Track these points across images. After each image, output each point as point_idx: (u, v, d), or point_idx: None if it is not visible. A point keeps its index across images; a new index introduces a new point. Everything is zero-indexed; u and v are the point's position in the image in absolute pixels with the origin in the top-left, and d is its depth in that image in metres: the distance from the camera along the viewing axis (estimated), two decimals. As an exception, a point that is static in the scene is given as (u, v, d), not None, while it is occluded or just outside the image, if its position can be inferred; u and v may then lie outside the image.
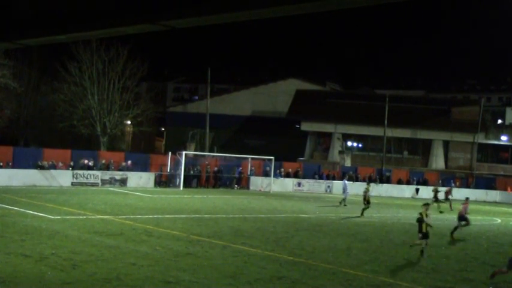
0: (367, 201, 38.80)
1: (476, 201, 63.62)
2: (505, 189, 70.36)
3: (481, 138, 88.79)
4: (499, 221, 42.84)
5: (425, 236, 23.30)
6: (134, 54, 66.74)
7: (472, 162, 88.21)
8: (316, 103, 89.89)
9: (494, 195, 68.82)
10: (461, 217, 30.58)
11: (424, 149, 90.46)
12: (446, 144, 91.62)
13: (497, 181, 73.58)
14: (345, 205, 44.64)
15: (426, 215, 23.54)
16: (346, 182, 47.93)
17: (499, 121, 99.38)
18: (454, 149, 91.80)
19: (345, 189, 46.18)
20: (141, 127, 74.91)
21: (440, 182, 69.82)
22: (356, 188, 61.36)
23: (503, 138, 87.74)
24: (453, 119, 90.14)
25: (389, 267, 20.35)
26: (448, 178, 72.25)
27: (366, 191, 39.56)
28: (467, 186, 70.32)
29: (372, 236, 28.48)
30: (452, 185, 63.47)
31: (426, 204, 24.40)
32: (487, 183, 72.42)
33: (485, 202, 64.43)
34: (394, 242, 27.08)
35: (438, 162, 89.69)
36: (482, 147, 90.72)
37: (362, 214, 37.82)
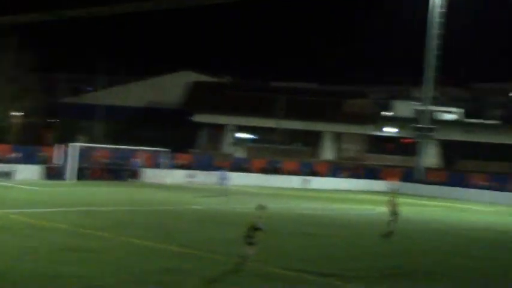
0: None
1: (364, 191, 65.60)
2: (390, 179, 72.69)
3: (370, 130, 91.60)
4: (385, 210, 44.28)
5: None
6: (25, 44, 64.63)
7: (361, 153, 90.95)
8: (211, 95, 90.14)
9: (380, 185, 71.02)
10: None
11: (315, 140, 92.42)
12: (337, 136, 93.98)
13: (383, 171, 76.02)
14: (225, 195, 44.45)
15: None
16: (225, 172, 47.74)
17: (387, 113, 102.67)
18: (344, 141, 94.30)
19: (223, 180, 46.10)
20: (31, 119, 72.73)
21: (330, 172, 71.58)
22: (250, 180, 61.94)
23: (390, 130, 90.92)
24: (344, 111, 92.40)
25: (278, 256, 20.73)
26: (337, 169, 74.10)
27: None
28: (357, 177, 72.31)
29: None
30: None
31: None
32: (374, 173, 74.72)
33: (372, 192, 66.34)
34: (281, 232, 27.52)
35: (329, 153, 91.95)
36: (371, 138, 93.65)
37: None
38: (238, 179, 56.89)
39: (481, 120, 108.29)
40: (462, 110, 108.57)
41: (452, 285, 18.21)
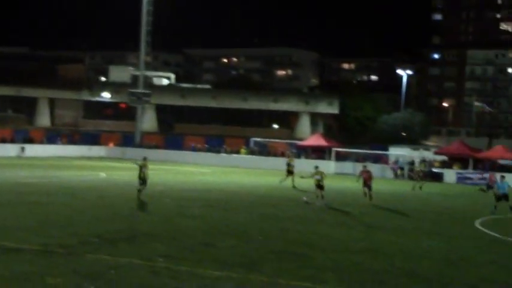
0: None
1: (82, 157, 64.78)
2: (109, 145, 72.85)
3: (86, 96, 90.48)
4: (104, 175, 44.29)
5: None
6: None
7: (78, 119, 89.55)
8: None
9: (98, 150, 70.72)
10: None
11: (29, 106, 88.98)
12: (52, 102, 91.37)
13: (101, 137, 75.70)
14: None
15: None
16: None
17: (103, 79, 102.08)
18: (60, 107, 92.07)
19: None
20: None
21: (47, 139, 69.62)
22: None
23: (106, 95, 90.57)
24: (59, 77, 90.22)
25: (-5, 229, 19.76)
26: (54, 135, 72.27)
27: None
28: (73, 143, 71.15)
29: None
30: None
31: None
32: (92, 139, 74.08)
33: (90, 158, 65.79)
34: (-1, 202, 26.23)
35: (44, 119, 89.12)
36: (88, 104, 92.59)
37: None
38: None
39: (194, 85, 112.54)
40: (173, 75, 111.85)
41: (172, 244, 18.75)
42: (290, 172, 41.89)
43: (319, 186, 30.97)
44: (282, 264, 16.63)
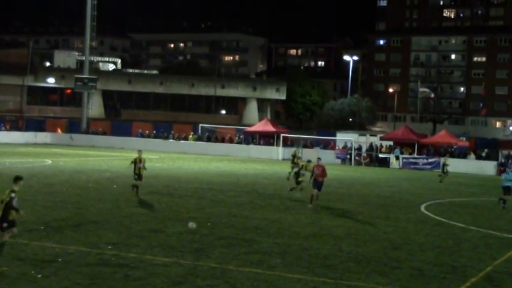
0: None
1: (26, 144, 63.64)
2: (55, 131, 71.73)
3: (30, 81, 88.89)
4: (50, 162, 43.60)
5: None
6: None
7: (22, 105, 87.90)
8: None
9: (44, 137, 69.57)
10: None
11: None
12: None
13: (47, 123, 74.51)
14: None
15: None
16: None
17: (48, 64, 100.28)
18: (3, 92, 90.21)
19: None
20: None
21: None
22: None
23: (51, 80, 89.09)
24: (1, 61, 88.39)
25: None
26: (-2, 122, 70.89)
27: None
28: (18, 129, 69.84)
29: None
30: None
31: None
32: (37, 125, 72.82)
33: (35, 144, 64.72)
34: None
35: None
36: (32, 90, 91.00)
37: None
38: None
39: (141, 70, 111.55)
40: (120, 60, 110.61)
41: (120, 231, 18.65)
42: (296, 164, 38.37)
43: (298, 181, 29.49)
44: (230, 250, 16.68)
